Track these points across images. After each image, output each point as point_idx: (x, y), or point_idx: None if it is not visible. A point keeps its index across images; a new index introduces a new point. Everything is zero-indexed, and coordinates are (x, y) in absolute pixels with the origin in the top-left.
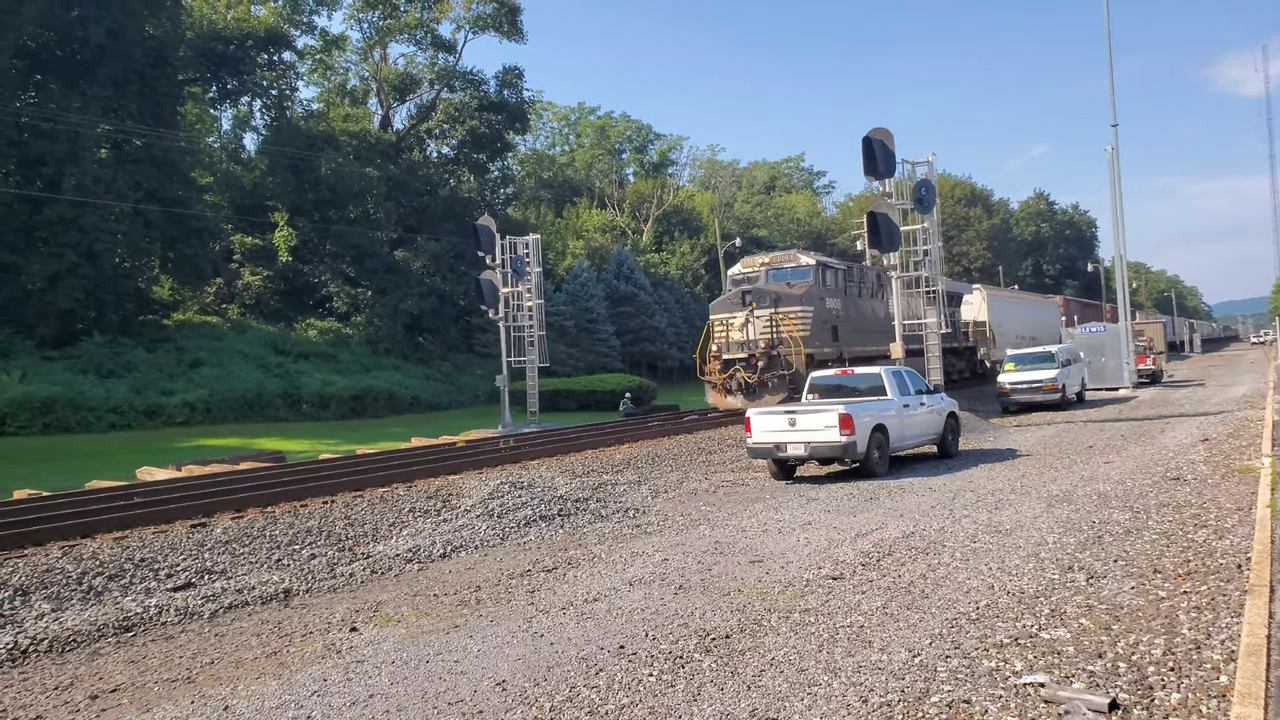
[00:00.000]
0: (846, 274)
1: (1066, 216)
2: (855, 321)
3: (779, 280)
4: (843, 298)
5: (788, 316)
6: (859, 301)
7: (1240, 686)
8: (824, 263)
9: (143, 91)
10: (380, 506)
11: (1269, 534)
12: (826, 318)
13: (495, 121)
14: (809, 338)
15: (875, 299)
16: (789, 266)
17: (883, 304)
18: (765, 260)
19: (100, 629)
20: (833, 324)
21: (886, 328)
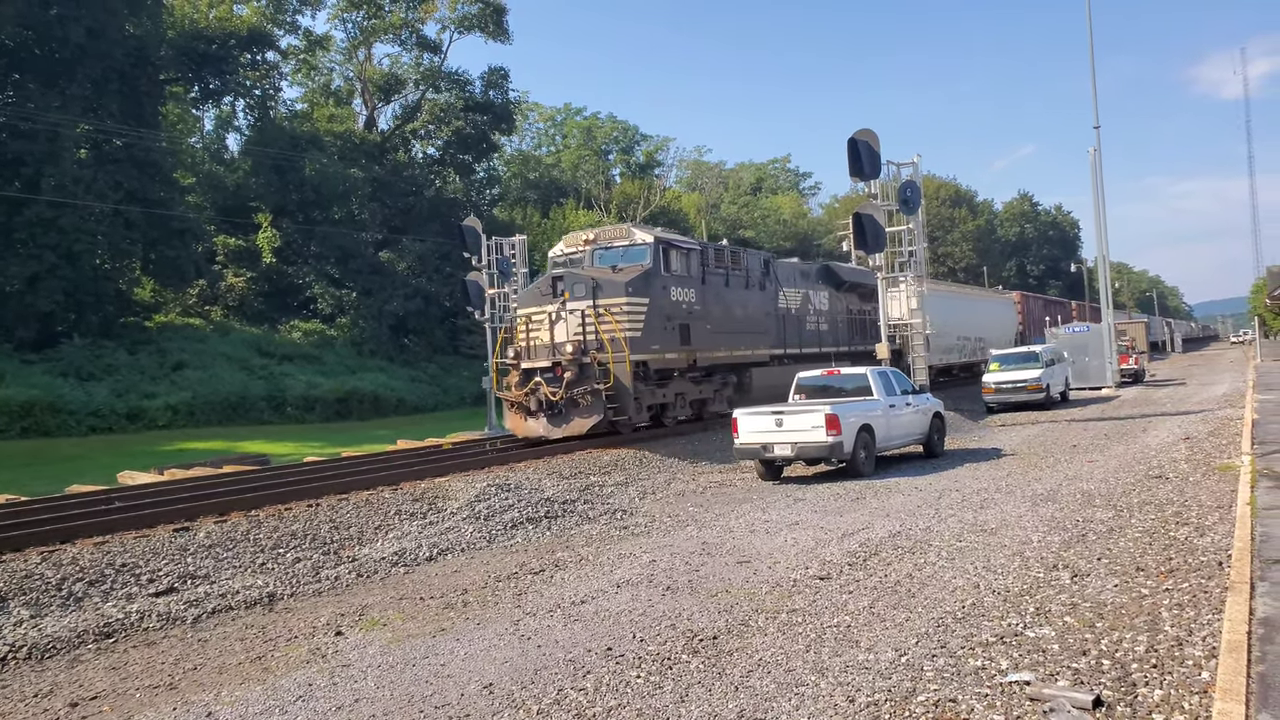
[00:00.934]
0: (706, 257)
1: (1050, 217)
2: (720, 319)
3: (607, 263)
4: (698, 288)
5: (610, 311)
6: (726, 294)
7: (1222, 682)
8: (668, 241)
9: (123, 91)
10: (365, 509)
11: (1249, 531)
12: (672, 313)
13: (481, 122)
14: (640, 339)
15: (757, 290)
16: (620, 245)
17: (770, 297)
18: (590, 236)
19: (80, 635)
20: (681, 321)
21: (764, 328)
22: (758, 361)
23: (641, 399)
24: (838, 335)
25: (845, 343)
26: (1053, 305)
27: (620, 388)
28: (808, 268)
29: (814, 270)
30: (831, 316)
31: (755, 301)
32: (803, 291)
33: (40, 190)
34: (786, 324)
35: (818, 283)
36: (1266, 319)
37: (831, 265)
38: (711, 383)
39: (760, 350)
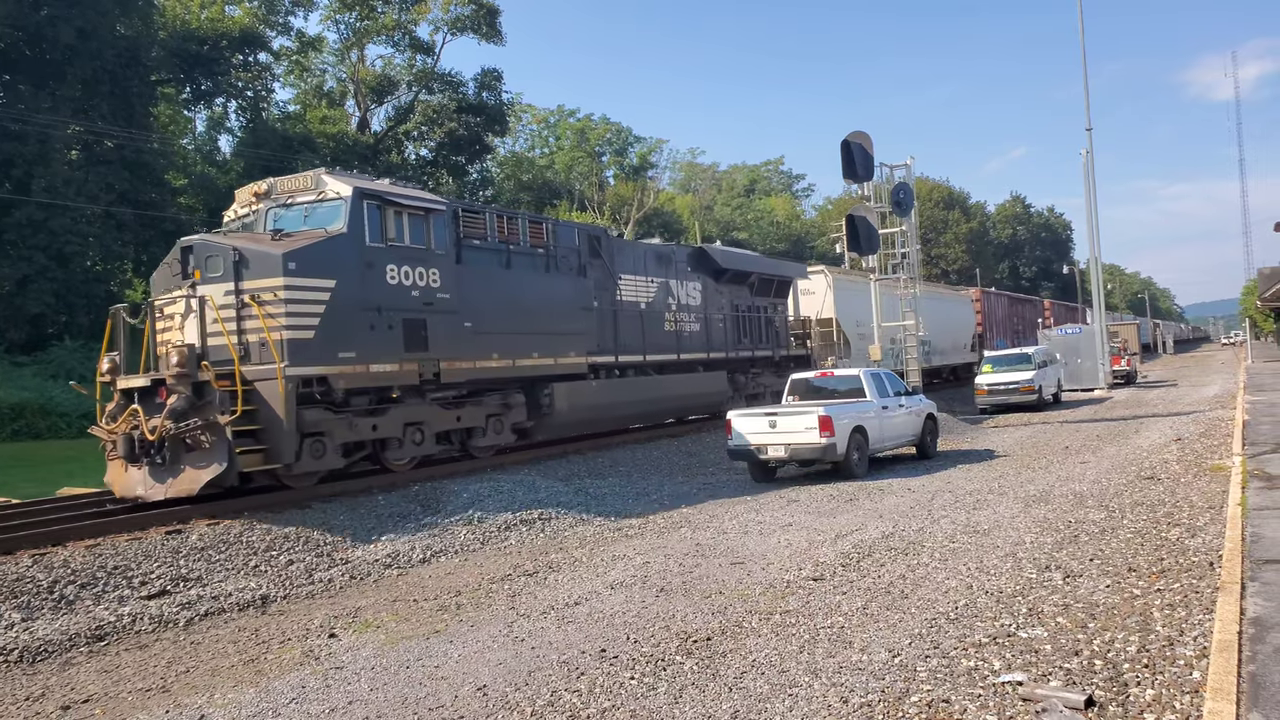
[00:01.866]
0: (460, 224)
1: (1043, 219)
2: (492, 314)
3: (290, 227)
4: (446, 268)
5: (259, 299)
6: (505, 278)
7: (1213, 682)
8: (380, 196)
9: (114, 92)
10: (359, 511)
11: (1240, 532)
12: (388, 303)
13: (474, 124)
14: (310, 342)
15: (569, 276)
16: (304, 201)
17: (594, 287)
18: (263, 188)
19: (72, 638)
20: (410, 316)
21: (580, 327)
22: (567, 374)
23: (328, 434)
24: (714, 337)
25: (730, 347)
26: (1021, 304)
27: (270, 418)
28: (668, 250)
29: (679, 255)
30: (705, 314)
31: (564, 292)
32: (658, 281)
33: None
34: (623, 322)
35: (685, 270)
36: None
37: (708, 249)
38: (480, 405)
39: (569, 358)
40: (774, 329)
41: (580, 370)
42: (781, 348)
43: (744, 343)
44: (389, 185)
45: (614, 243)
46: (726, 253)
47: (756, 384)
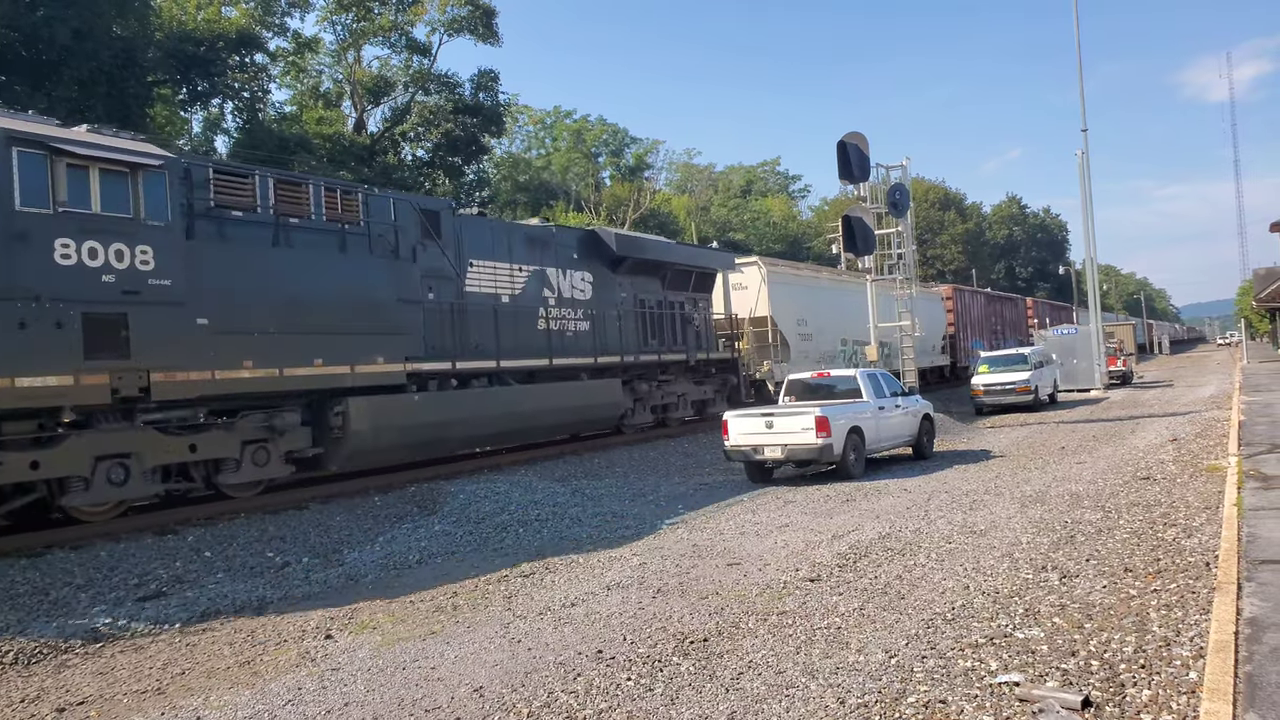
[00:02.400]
0: (194, 184)
1: (1038, 220)
2: (244, 310)
3: None
4: (170, 243)
5: None
6: (278, 259)
7: (1209, 682)
8: (48, 141)
9: (110, 93)
10: (356, 512)
11: (1236, 532)
12: (49, 292)
13: (470, 124)
14: None
15: (383, 259)
16: None
17: (424, 274)
18: None
19: (68, 640)
20: (93, 311)
21: (397, 325)
22: (374, 386)
23: None
24: (609, 338)
25: (632, 349)
26: (1001, 303)
27: None
28: (545, 233)
29: (562, 239)
30: (598, 310)
31: (373, 280)
32: (530, 270)
33: None
34: (473, 320)
35: (570, 258)
36: (1253, 321)
37: (601, 232)
38: (232, 430)
39: (376, 365)
40: (693, 329)
41: (395, 380)
42: (702, 350)
43: (651, 344)
44: (77, 132)
45: (463, 221)
46: (626, 238)
47: (666, 393)
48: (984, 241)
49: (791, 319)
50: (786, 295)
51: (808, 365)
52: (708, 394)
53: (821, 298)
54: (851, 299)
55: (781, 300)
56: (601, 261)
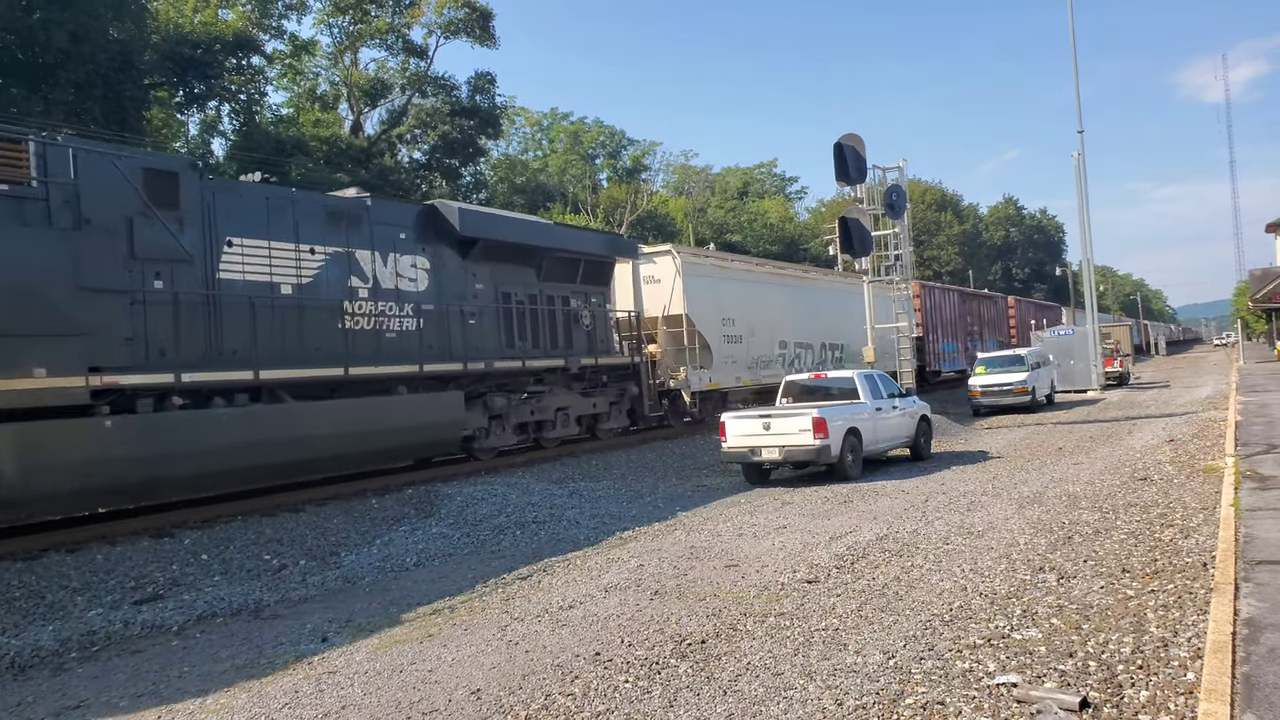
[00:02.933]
0: None
1: (1035, 221)
2: None
3: None
4: None
5: None
6: None
7: (1207, 683)
8: None
9: (107, 96)
10: (353, 514)
11: (1233, 532)
12: None
13: (467, 127)
14: None
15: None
16: None
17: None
18: None
19: (64, 644)
20: None
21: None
22: (36, 407)
23: None
24: (451, 340)
25: (486, 353)
26: (977, 302)
27: None
28: (357, 206)
29: (383, 213)
30: (437, 304)
31: (33, 258)
32: (330, 252)
33: None
34: (228, 317)
35: (397, 239)
36: (1249, 321)
37: (442, 207)
38: None
39: (29, 379)
40: (582, 329)
41: (72, 400)
42: (592, 354)
43: (519, 347)
44: None
45: (217, 187)
46: (477, 215)
47: (539, 407)
48: (981, 243)
49: (713, 318)
50: (707, 290)
51: (734, 372)
52: (599, 407)
53: (757, 294)
54: (802, 296)
55: (701, 296)
56: (446, 244)
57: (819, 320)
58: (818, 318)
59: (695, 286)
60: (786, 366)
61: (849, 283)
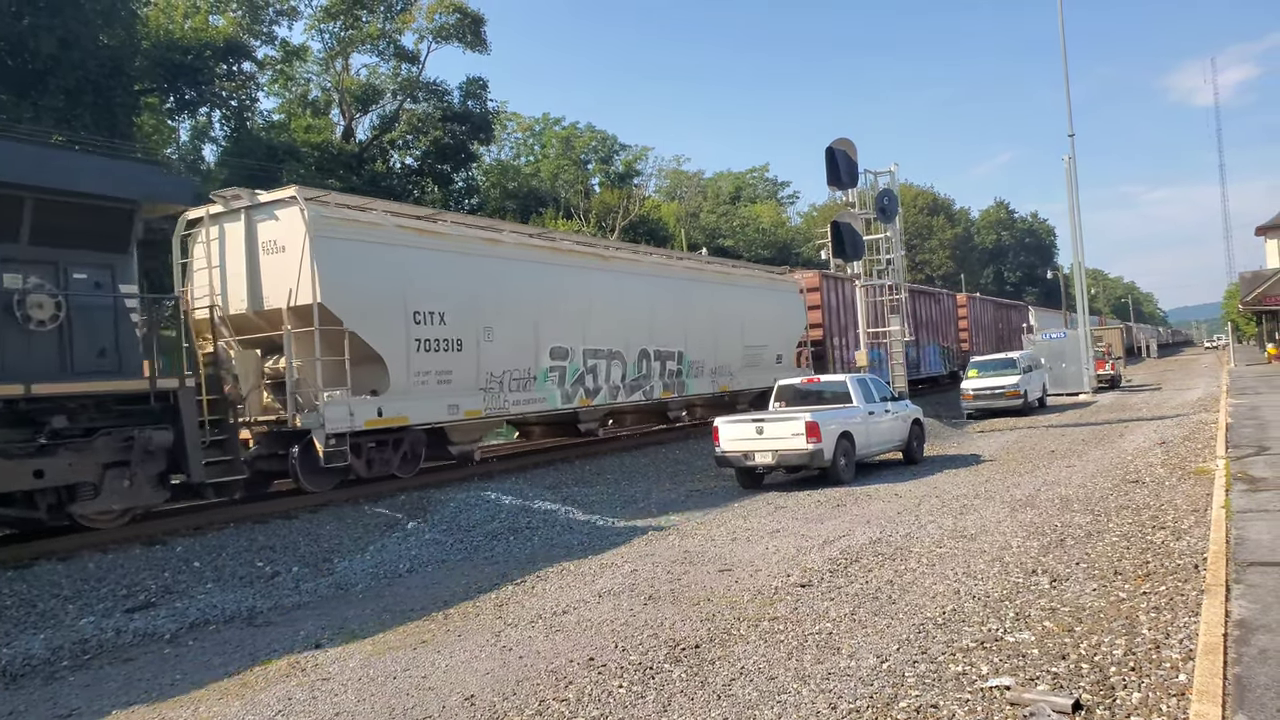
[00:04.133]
0: None
1: (1026, 225)
2: None
3: None
4: None
5: None
6: None
7: (1199, 685)
8: None
9: (97, 102)
10: (346, 521)
11: (1224, 534)
12: None
13: (459, 132)
14: None
15: None
16: None
17: None
18: None
19: (55, 652)
20: None
21: None
22: None
23: None
24: None
25: None
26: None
27: None
28: None
29: None
30: None
31: None
32: None
33: None
34: None
35: None
36: (1239, 324)
37: None
38: None
39: None
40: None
41: None
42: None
43: None
44: None
45: None
46: None
47: None
48: (972, 246)
49: (392, 310)
50: (375, 265)
51: (448, 397)
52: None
53: (503, 275)
54: (662, 291)
55: (358, 273)
56: None
57: (687, 322)
58: (687, 319)
59: (343, 258)
60: (569, 386)
61: (722, 273)
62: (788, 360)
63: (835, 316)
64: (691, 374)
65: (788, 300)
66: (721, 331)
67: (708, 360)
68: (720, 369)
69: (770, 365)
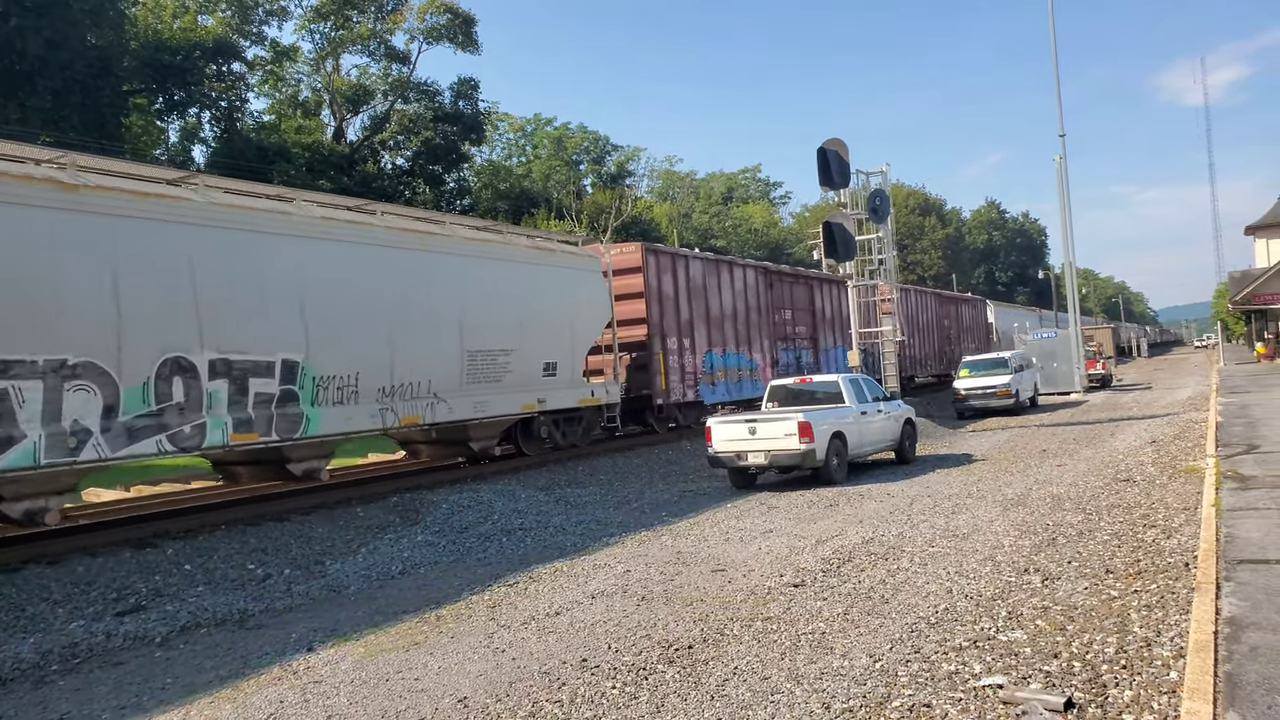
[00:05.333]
0: None
1: (1018, 225)
2: None
3: None
4: None
5: None
6: None
7: (1189, 682)
8: None
9: (85, 103)
10: (337, 523)
11: (1214, 532)
12: None
13: (450, 133)
14: None
15: None
16: None
17: None
18: None
19: (45, 656)
20: None
21: None
22: None
23: None
24: None
25: None
26: (793, 287)
27: None
28: None
29: None
30: None
31: None
32: None
33: None
34: None
35: None
36: (1229, 323)
37: None
38: None
39: None
40: None
41: None
42: None
43: None
44: None
45: None
46: None
47: None
48: (964, 247)
49: None
50: None
51: None
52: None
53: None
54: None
55: None
56: None
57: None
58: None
59: None
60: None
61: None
62: (569, 372)
63: (670, 309)
64: (324, 399)
65: (577, 283)
66: (410, 327)
67: (374, 373)
68: (407, 389)
69: (530, 380)
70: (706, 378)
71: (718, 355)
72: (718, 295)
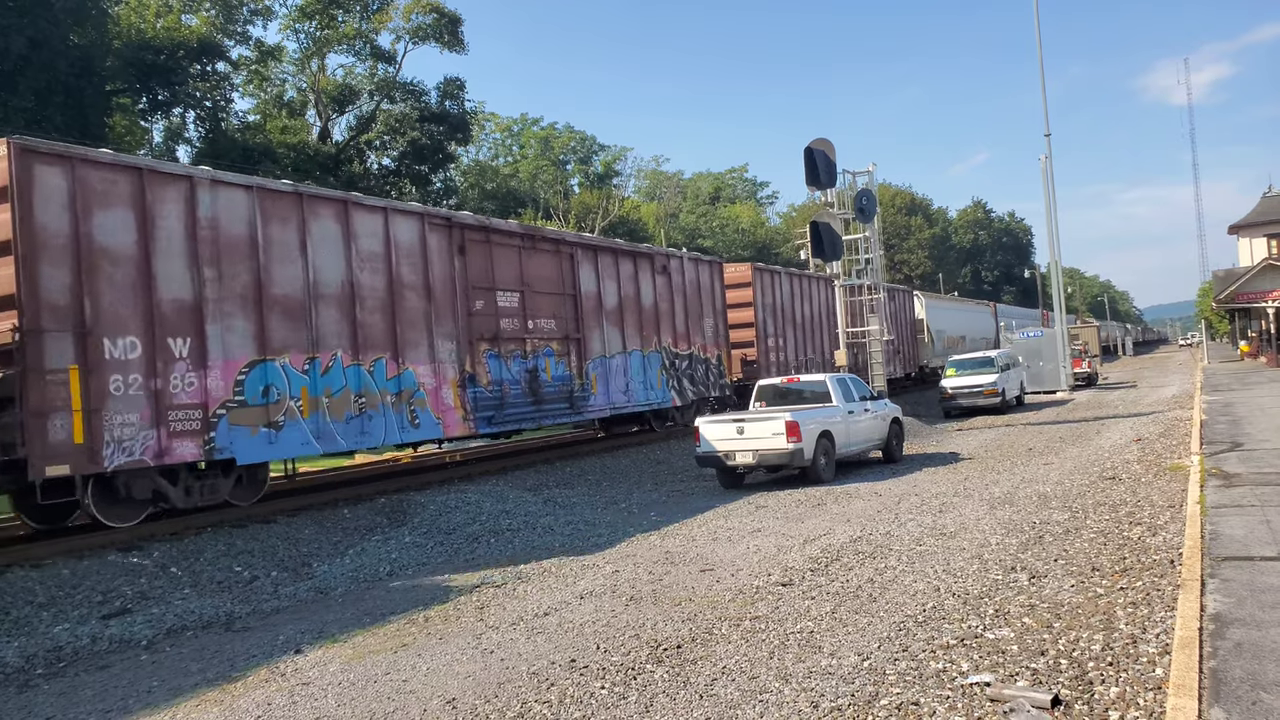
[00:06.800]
0: None
1: (1004, 224)
2: None
3: None
4: None
5: None
6: None
7: (1175, 678)
8: None
9: (68, 103)
10: (325, 525)
11: (1199, 529)
12: None
13: (437, 133)
14: None
15: None
16: None
17: None
18: None
19: (29, 660)
20: None
21: None
22: None
23: None
24: None
25: None
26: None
27: None
28: None
29: None
30: None
31: None
32: None
33: None
34: None
35: None
36: (1213, 322)
37: None
38: None
39: None
40: None
41: None
42: None
43: None
44: None
45: None
46: None
47: None
48: (950, 246)
49: None
50: None
51: None
52: None
53: None
54: None
55: None
56: None
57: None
58: None
59: None
60: None
61: None
62: None
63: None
64: None
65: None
66: None
67: None
68: None
69: None
70: None
71: None
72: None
